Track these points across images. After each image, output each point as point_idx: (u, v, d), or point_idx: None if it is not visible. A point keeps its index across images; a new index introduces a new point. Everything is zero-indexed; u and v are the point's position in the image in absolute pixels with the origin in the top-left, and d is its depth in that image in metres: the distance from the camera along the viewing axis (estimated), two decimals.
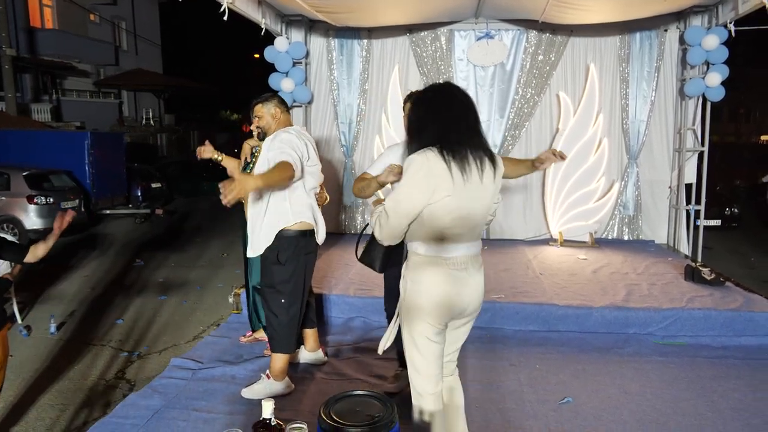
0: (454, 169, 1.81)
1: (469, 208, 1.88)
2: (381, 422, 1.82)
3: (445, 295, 1.89)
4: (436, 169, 1.80)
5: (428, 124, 1.90)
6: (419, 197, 1.82)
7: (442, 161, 1.81)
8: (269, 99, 2.93)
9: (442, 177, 1.80)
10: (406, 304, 1.96)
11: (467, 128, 1.89)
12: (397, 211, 1.85)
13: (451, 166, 1.81)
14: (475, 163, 1.85)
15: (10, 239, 2.89)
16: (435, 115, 1.90)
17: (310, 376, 3.25)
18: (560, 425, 2.74)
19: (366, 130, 6.57)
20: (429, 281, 1.89)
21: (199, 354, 3.54)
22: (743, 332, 3.83)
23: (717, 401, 2.98)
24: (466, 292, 1.93)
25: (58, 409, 3.65)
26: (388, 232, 1.91)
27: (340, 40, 6.38)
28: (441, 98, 1.93)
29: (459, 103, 1.91)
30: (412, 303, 1.93)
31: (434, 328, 1.92)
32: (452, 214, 1.86)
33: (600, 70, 6.20)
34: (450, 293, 1.90)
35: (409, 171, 1.84)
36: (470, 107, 1.93)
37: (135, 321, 5.29)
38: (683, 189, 6.17)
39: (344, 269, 5.02)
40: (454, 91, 1.94)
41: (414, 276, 1.93)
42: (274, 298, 2.86)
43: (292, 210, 2.79)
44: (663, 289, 4.43)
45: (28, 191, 8.67)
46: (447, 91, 1.95)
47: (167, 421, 2.72)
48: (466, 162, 1.83)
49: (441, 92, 1.95)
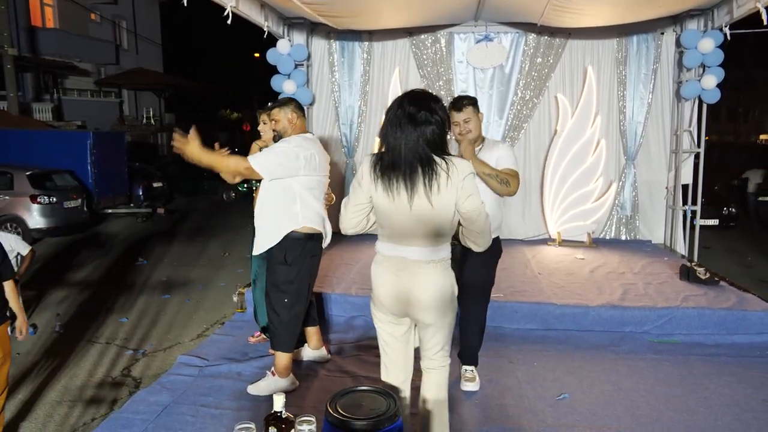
0: (379, 183, 1.97)
1: (397, 218, 2.01)
2: (384, 416, 1.91)
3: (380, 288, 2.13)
4: (366, 174, 2.02)
5: (382, 135, 2.02)
6: (358, 192, 2.07)
7: (372, 170, 1.99)
8: (287, 104, 2.99)
9: (369, 183, 2.01)
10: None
11: (403, 148, 1.93)
12: (346, 205, 2.15)
13: (378, 180, 1.98)
14: (404, 183, 1.93)
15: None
16: (385, 128, 2.00)
17: (313, 373, 3.34)
18: (557, 420, 2.83)
19: (367, 131, 6.65)
20: (373, 274, 2.16)
21: (205, 352, 3.62)
22: (736, 331, 3.92)
23: (709, 397, 3.07)
24: (394, 290, 2.08)
25: (66, 405, 3.73)
26: (343, 221, 2.20)
27: (342, 43, 6.46)
28: (395, 111, 1.98)
29: (406, 120, 1.93)
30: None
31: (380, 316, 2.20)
32: (381, 216, 2.07)
33: (597, 73, 6.28)
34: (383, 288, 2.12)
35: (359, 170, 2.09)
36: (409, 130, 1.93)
37: (139, 319, 5.37)
38: (680, 189, 6.26)
39: (345, 268, 5.11)
40: (406, 108, 1.95)
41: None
42: (278, 298, 2.94)
43: (302, 214, 2.87)
44: (658, 289, 4.52)
45: (31, 191, 8.75)
46: (399, 106, 1.98)
47: (176, 417, 2.80)
48: (394, 180, 1.94)
49: (398, 105, 1.99)
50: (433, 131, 1.94)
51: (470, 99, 2.93)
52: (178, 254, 8.18)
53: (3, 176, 8.89)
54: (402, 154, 1.92)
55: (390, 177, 1.94)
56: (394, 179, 1.93)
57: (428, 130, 1.93)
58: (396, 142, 1.93)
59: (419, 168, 1.92)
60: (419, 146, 1.92)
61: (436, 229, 2.00)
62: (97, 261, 7.73)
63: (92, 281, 6.70)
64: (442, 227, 2.00)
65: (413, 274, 2.03)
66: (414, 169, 1.92)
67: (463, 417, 2.84)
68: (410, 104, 1.94)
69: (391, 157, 1.94)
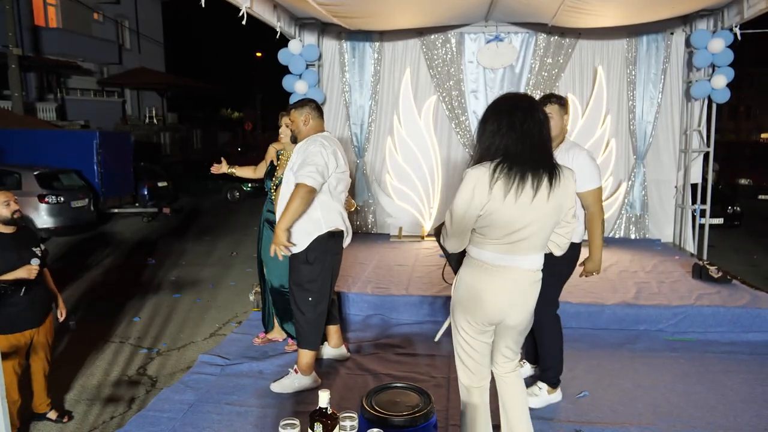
0: (498, 186, 1.88)
1: (514, 223, 1.94)
2: (421, 412, 1.94)
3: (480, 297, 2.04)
4: (482, 183, 1.90)
5: (500, 139, 1.93)
6: (466, 207, 1.93)
7: (490, 177, 1.89)
8: (303, 105, 3.02)
9: (486, 194, 1.89)
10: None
11: (531, 146, 1.91)
12: (452, 219, 1.99)
13: (497, 183, 1.88)
14: (531, 183, 1.89)
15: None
16: (499, 130, 1.93)
17: (334, 371, 3.36)
18: (579, 417, 2.85)
19: (378, 131, 6.68)
20: (476, 285, 2.04)
21: (225, 351, 3.64)
22: (751, 328, 3.95)
23: (727, 394, 3.10)
24: (504, 300, 2.03)
25: (84, 404, 3.75)
26: (450, 240, 2.05)
27: (352, 43, 6.48)
28: (509, 113, 1.94)
29: (525, 119, 1.92)
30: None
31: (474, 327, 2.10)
32: (497, 225, 1.95)
33: (607, 73, 6.31)
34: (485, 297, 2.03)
35: (465, 182, 1.94)
36: (538, 123, 1.93)
37: (151, 318, 5.39)
38: (689, 189, 6.29)
39: (360, 268, 5.14)
40: (522, 106, 1.95)
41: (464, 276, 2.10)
42: (302, 296, 2.96)
43: (324, 219, 2.90)
44: (672, 287, 4.55)
45: (39, 190, 8.77)
46: (517, 105, 1.96)
47: (202, 415, 2.83)
48: (519, 180, 1.88)
49: (512, 106, 1.96)
50: (549, 133, 1.98)
51: (558, 98, 2.85)
52: (185, 254, 8.20)
53: (11, 176, 8.91)
54: (546, 144, 1.93)
55: (525, 170, 1.89)
56: (530, 171, 1.89)
57: (546, 132, 1.95)
58: (522, 147, 1.90)
59: (546, 172, 1.92)
60: (545, 150, 1.95)
61: (549, 233, 2.04)
62: (106, 260, 7.75)
63: (102, 281, 6.72)
64: (550, 232, 2.04)
65: (526, 283, 2.04)
66: (553, 165, 1.94)
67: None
68: (527, 108, 1.94)
69: (518, 162, 1.90)
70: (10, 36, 13.36)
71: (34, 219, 8.64)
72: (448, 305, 4.18)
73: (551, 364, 2.95)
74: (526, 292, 2.04)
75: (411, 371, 3.36)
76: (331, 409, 1.59)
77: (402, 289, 4.49)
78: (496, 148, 1.92)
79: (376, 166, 6.78)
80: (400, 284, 4.62)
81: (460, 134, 6.57)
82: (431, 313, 4.26)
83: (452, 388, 3.15)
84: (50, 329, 3.26)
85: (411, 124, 6.58)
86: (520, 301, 2.04)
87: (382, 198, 6.79)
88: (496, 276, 1.99)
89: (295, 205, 2.72)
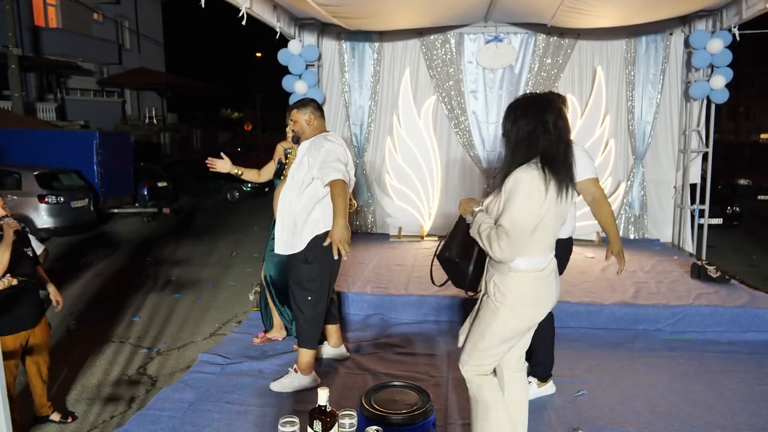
0: (551, 188, 1.93)
1: (557, 225, 2.03)
2: (419, 411, 1.95)
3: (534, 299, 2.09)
4: (538, 185, 1.92)
5: (537, 140, 1.95)
6: (529, 212, 1.91)
7: (543, 179, 1.92)
8: (306, 105, 3.01)
9: (542, 194, 1.92)
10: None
11: (565, 148, 1.97)
12: (514, 226, 1.92)
13: (550, 185, 1.92)
14: (567, 185, 1.97)
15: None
16: (543, 132, 1.95)
17: (333, 371, 3.37)
18: (577, 416, 2.86)
19: (377, 131, 6.69)
20: (535, 289, 2.07)
21: (225, 350, 3.65)
22: (749, 328, 3.96)
23: (726, 393, 3.11)
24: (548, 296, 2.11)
25: (84, 403, 3.76)
26: (505, 251, 1.94)
27: (352, 43, 6.49)
28: (543, 113, 1.97)
29: (557, 120, 1.96)
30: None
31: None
32: (547, 227, 2.00)
33: (607, 73, 6.33)
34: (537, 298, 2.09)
35: (521, 188, 1.91)
36: (567, 123, 2.00)
37: (151, 318, 5.40)
38: (688, 189, 6.31)
39: (360, 267, 5.15)
40: (553, 107, 1.98)
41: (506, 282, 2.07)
42: (302, 296, 2.97)
43: (323, 219, 2.91)
44: (670, 287, 4.57)
45: (39, 190, 8.78)
46: (555, 107, 1.99)
47: (202, 414, 2.84)
48: (561, 183, 1.95)
49: (544, 106, 1.99)
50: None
51: (558, 96, 2.90)
52: (185, 254, 8.21)
53: (11, 176, 8.92)
54: (569, 159, 1.97)
55: (561, 184, 1.95)
56: (564, 186, 1.96)
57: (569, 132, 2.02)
58: (557, 150, 1.95)
59: (570, 173, 1.99)
60: (572, 150, 2.00)
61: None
62: (106, 260, 7.76)
63: (102, 281, 6.73)
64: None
65: (556, 276, 2.13)
66: (571, 176, 2.00)
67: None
68: (558, 108, 1.98)
69: (564, 164, 1.95)
70: (10, 36, 13.37)
71: (34, 219, 8.66)
72: (448, 305, 4.21)
73: (542, 359, 2.99)
74: (557, 280, 2.13)
75: (410, 370, 3.37)
76: (331, 407, 1.60)
77: (401, 288, 4.50)
78: (534, 149, 1.94)
79: (375, 166, 6.79)
80: (399, 284, 4.63)
81: (460, 134, 6.59)
82: (430, 312, 4.27)
83: (451, 387, 3.16)
84: (46, 330, 3.24)
85: (410, 124, 6.60)
86: (557, 292, 2.13)
87: (381, 198, 6.80)
88: (545, 279, 2.05)
89: (342, 202, 2.73)
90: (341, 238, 2.69)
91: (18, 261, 2.95)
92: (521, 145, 1.96)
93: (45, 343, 3.23)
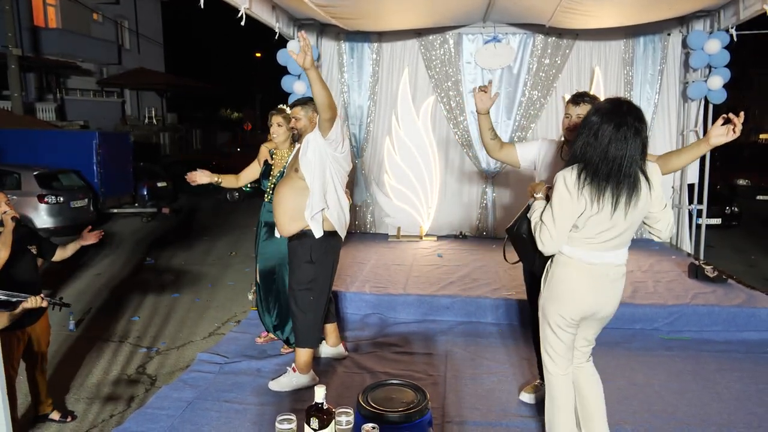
0: (586, 194, 2.03)
1: (600, 228, 2.09)
2: (416, 409, 1.96)
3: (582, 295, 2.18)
4: (570, 187, 2.05)
5: (582, 145, 2.06)
6: (567, 212, 2.08)
7: (576, 182, 2.03)
8: (308, 102, 2.99)
9: (577, 195, 2.05)
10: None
11: (611, 162, 2.01)
12: (554, 224, 2.12)
13: (584, 190, 2.03)
14: (611, 197, 2.02)
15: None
16: (588, 137, 2.05)
17: (332, 370, 3.39)
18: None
19: (376, 131, 6.70)
20: (570, 283, 2.19)
21: (224, 349, 3.66)
22: (746, 327, 3.98)
23: (722, 392, 3.13)
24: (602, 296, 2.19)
25: (84, 402, 3.78)
26: (548, 244, 2.16)
27: (351, 44, 6.51)
28: (599, 124, 2.03)
29: (611, 136, 2.00)
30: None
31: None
32: (588, 225, 2.10)
33: (605, 73, 6.34)
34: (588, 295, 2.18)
35: (557, 187, 2.10)
36: (622, 140, 2.00)
37: (150, 318, 5.42)
38: (686, 189, 6.32)
39: (358, 267, 5.16)
40: (614, 121, 2.01)
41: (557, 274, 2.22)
42: (304, 296, 2.97)
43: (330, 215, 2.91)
44: (668, 287, 4.58)
45: (39, 190, 8.79)
46: (609, 119, 2.02)
47: (201, 412, 2.85)
48: (610, 190, 2.01)
49: (604, 117, 2.03)
50: (646, 141, 2.06)
51: (592, 98, 2.81)
52: (185, 254, 8.23)
53: (11, 176, 8.93)
54: (623, 165, 2.01)
55: (605, 187, 2.01)
56: (610, 189, 2.01)
57: (645, 141, 2.05)
58: (618, 153, 2.00)
59: (639, 177, 2.04)
60: (640, 157, 2.04)
61: (633, 233, 2.19)
62: (105, 260, 7.78)
63: (102, 280, 6.75)
64: (633, 232, 2.20)
65: (615, 279, 2.19)
66: (636, 179, 2.04)
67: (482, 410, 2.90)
68: (633, 117, 2.02)
69: (610, 167, 2.01)
70: (10, 36, 13.38)
71: (33, 219, 8.67)
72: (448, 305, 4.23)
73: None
74: (615, 287, 2.20)
75: (408, 369, 3.38)
76: (328, 405, 1.62)
77: (400, 288, 4.52)
78: (582, 154, 2.06)
79: (374, 166, 6.81)
80: (398, 283, 4.65)
81: (458, 134, 6.60)
82: (429, 312, 4.29)
83: (449, 386, 3.18)
84: (47, 328, 3.25)
85: (409, 124, 6.61)
86: (611, 295, 2.20)
87: (380, 198, 6.82)
88: (589, 273, 2.14)
89: (324, 87, 2.66)
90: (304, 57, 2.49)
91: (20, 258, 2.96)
92: (576, 145, 2.09)
93: (46, 341, 3.25)
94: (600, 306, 2.20)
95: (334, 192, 2.91)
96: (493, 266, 5.25)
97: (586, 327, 2.32)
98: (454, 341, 3.84)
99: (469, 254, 5.80)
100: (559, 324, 2.23)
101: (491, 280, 4.77)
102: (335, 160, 2.88)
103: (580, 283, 2.16)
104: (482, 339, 3.90)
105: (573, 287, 2.17)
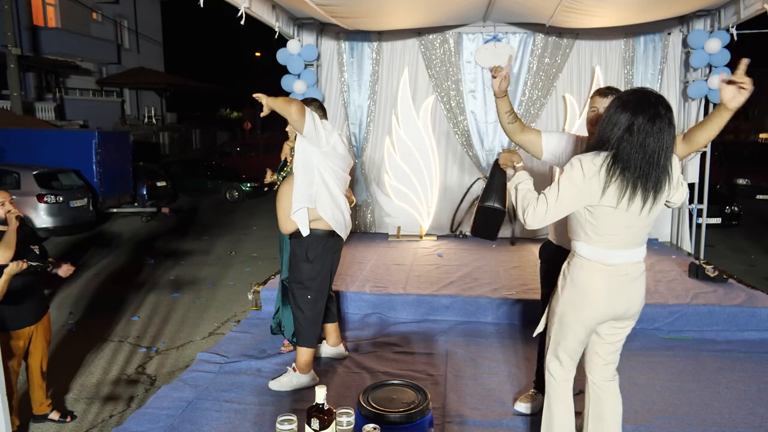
0: (614, 188, 1.89)
1: (623, 224, 1.97)
2: (416, 409, 1.96)
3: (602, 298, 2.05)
4: (591, 176, 1.90)
5: (610, 133, 1.92)
6: (574, 196, 1.95)
7: (600, 173, 1.89)
8: (309, 103, 3.00)
9: (596, 187, 1.90)
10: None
11: (643, 157, 1.89)
12: (556, 202, 1.97)
13: (612, 184, 1.89)
14: (653, 187, 1.90)
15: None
16: (617, 126, 1.91)
17: (332, 370, 3.38)
18: None
19: (376, 130, 6.70)
20: (589, 284, 2.04)
21: (224, 349, 3.66)
22: (746, 327, 3.97)
23: (722, 392, 3.13)
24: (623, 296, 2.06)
25: (84, 402, 3.77)
26: (538, 218, 2.01)
27: (351, 43, 6.50)
28: (633, 114, 1.91)
29: (645, 128, 1.88)
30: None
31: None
32: (607, 222, 1.97)
33: (605, 73, 6.33)
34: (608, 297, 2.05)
35: (573, 169, 1.94)
36: (657, 133, 1.89)
37: (150, 317, 5.41)
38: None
39: (358, 267, 5.16)
40: (648, 112, 1.89)
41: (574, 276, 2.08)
42: (302, 294, 2.98)
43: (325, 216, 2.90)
44: (668, 286, 4.57)
45: (38, 190, 8.78)
46: (643, 109, 1.90)
47: (201, 412, 2.84)
48: (640, 184, 1.89)
49: (638, 108, 1.91)
50: (667, 142, 1.93)
51: (617, 92, 2.67)
52: (184, 253, 8.21)
53: (10, 176, 8.92)
54: (661, 158, 1.90)
55: (636, 181, 1.89)
56: (641, 184, 1.90)
57: (673, 133, 1.94)
58: (656, 145, 1.88)
59: (669, 171, 1.94)
60: (671, 150, 1.94)
61: (651, 228, 2.08)
62: (105, 260, 7.77)
63: (101, 280, 6.73)
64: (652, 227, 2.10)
65: (635, 278, 2.06)
66: (666, 172, 1.93)
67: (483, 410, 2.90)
68: (663, 107, 1.90)
69: (648, 161, 1.89)
70: (9, 36, 13.37)
71: (32, 219, 8.65)
72: (449, 305, 4.22)
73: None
74: (636, 286, 2.07)
75: (409, 369, 3.38)
76: (328, 405, 1.61)
77: (400, 288, 4.51)
78: (610, 144, 1.93)
79: (374, 165, 6.80)
80: (398, 283, 4.64)
81: (459, 134, 6.59)
82: (429, 311, 4.28)
83: (449, 386, 3.17)
84: (48, 327, 3.26)
85: (409, 123, 6.60)
86: (633, 296, 2.06)
87: (380, 197, 6.81)
88: (609, 275, 2.02)
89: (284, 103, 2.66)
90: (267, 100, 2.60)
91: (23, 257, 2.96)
92: (602, 133, 1.96)
93: (47, 340, 3.25)
94: (624, 308, 2.08)
95: (326, 191, 2.90)
96: (493, 266, 5.25)
97: (610, 329, 2.17)
98: (455, 341, 3.83)
99: (469, 254, 5.79)
100: (575, 328, 2.12)
101: (491, 280, 4.77)
102: (325, 156, 2.86)
103: (600, 287, 2.04)
104: (482, 339, 3.90)
105: (594, 291, 2.04)
